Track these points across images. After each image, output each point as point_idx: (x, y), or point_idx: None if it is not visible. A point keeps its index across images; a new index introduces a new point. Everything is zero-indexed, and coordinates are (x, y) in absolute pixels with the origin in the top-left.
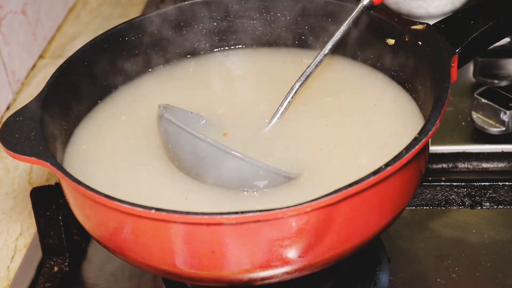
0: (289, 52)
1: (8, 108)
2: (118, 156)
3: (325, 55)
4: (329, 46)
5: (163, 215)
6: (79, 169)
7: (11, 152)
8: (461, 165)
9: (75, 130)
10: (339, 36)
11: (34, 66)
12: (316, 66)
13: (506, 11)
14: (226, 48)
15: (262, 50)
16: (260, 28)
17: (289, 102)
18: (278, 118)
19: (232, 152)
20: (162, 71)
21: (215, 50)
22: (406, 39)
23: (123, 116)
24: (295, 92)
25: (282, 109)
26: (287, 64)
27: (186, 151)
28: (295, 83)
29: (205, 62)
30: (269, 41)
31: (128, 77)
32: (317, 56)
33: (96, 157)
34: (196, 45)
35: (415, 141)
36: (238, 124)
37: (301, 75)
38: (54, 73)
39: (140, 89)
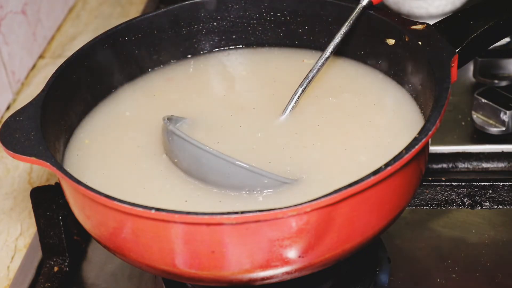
0: (290, 52)
1: (8, 108)
2: (119, 153)
3: (327, 59)
4: (330, 49)
5: (163, 215)
6: (79, 164)
7: (11, 152)
8: (461, 165)
9: (79, 124)
10: (339, 38)
11: (34, 66)
12: (318, 70)
13: (506, 11)
14: (226, 48)
15: (263, 50)
16: (260, 28)
17: (292, 107)
18: (280, 122)
19: (237, 162)
20: (162, 71)
21: (215, 50)
22: (406, 39)
23: (127, 112)
24: (298, 97)
25: (285, 115)
26: (289, 64)
27: (192, 161)
28: (297, 88)
29: (206, 62)
30: (269, 41)
31: (129, 77)
32: (318, 60)
33: (97, 153)
34: (196, 45)
35: (415, 141)
36: (240, 124)
37: (303, 80)
38: (54, 73)
39: (141, 89)
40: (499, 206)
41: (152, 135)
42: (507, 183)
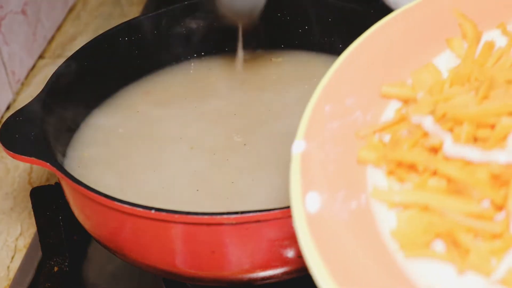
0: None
1: (8, 108)
2: (122, 164)
3: None
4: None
5: (163, 215)
6: (82, 175)
7: (11, 152)
8: None
9: (76, 133)
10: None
11: (34, 66)
12: None
13: None
14: (227, 49)
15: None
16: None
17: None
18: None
19: None
20: (163, 71)
21: (213, 51)
22: None
23: (127, 119)
24: None
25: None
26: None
27: None
28: None
29: (207, 63)
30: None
31: (129, 78)
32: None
33: (99, 165)
34: (196, 46)
35: None
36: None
37: None
38: (54, 73)
39: (142, 90)
40: None
41: (158, 138)
42: None
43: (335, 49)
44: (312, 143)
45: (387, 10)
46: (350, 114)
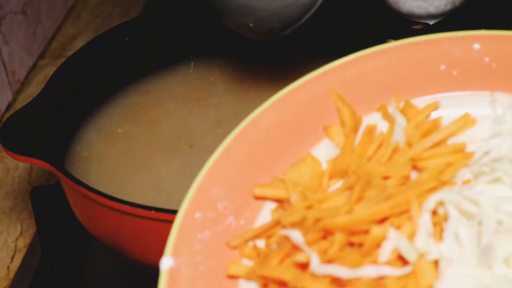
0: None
1: (8, 108)
2: (122, 163)
3: None
4: None
5: (163, 215)
6: (82, 175)
7: (11, 152)
8: None
9: (76, 133)
10: None
11: (34, 66)
12: None
13: (505, 11)
14: (226, 49)
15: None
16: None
17: None
18: None
19: None
20: (163, 71)
21: (213, 52)
22: None
23: (127, 119)
24: None
25: None
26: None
27: None
28: None
29: (207, 63)
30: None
31: (129, 78)
32: None
33: (99, 165)
34: (195, 46)
35: None
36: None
37: None
38: (54, 73)
39: (142, 90)
40: None
41: (158, 138)
42: None
43: (334, 50)
44: (181, 258)
45: (388, 10)
46: (223, 221)
